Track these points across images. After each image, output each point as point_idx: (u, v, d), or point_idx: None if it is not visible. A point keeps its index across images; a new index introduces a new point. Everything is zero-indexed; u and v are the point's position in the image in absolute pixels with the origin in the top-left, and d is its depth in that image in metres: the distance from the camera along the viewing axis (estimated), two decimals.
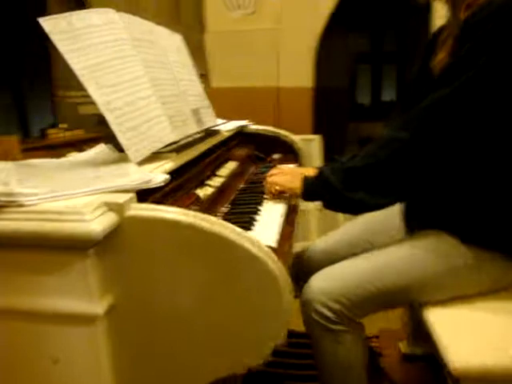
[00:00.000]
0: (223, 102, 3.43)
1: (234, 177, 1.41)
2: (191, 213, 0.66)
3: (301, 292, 1.10)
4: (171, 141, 1.02)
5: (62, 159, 1.01)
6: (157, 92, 1.08)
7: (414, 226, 1.17)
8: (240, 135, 1.79)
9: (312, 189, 1.10)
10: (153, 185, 0.76)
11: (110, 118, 0.89)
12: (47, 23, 0.86)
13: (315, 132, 3.31)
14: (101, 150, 1.03)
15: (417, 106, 0.99)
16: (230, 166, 1.45)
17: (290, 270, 1.41)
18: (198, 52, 3.58)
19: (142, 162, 0.93)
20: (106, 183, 0.71)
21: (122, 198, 0.66)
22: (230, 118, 1.89)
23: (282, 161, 1.76)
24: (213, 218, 0.66)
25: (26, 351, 0.72)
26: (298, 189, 1.11)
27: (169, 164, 0.98)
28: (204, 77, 3.72)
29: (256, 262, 0.63)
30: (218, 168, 1.38)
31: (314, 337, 1.08)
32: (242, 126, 1.78)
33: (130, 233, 0.66)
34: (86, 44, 0.91)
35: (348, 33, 3.95)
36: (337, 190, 1.03)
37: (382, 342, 1.89)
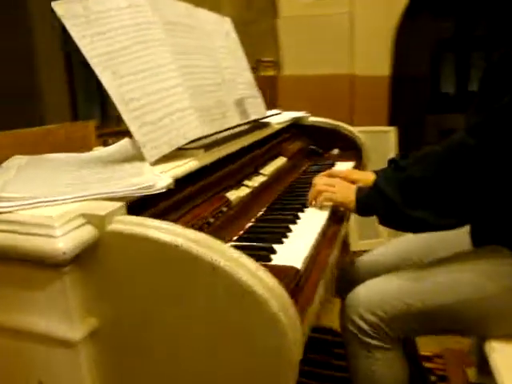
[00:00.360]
0: (294, 90, 3.32)
1: (279, 175, 1.28)
2: (185, 232, 0.54)
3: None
4: (198, 136, 0.91)
5: (81, 154, 0.94)
6: (188, 81, 0.97)
7: (481, 241, 1.00)
8: (296, 128, 1.65)
9: (366, 201, 0.96)
10: (153, 191, 0.65)
11: (124, 111, 0.80)
12: (59, 7, 0.78)
13: (391, 123, 3.08)
14: (124, 144, 0.95)
15: (495, 104, 0.80)
16: (278, 163, 1.32)
17: (337, 279, 1.28)
18: (269, 38, 3.47)
19: (161, 161, 0.84)
20: (97, 189, 0.62)
21: (105, 209, 0.56)
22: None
23: (341, 157, 1.60)
24: (210, 240, 0.54)
25: (12, 370, 0.66)
26: (351, 202, 0.98)
27: (192, 163, 0.87)
28: (275, 64, 3.62)
29: (253, 299, 0.50)
30: (264, 165, 1.26)
31: (349, 349, 1.00)
32: (298, 118, 1.63)
33: (111, 250, 0.56)
34: (104, 29, 0.82)
35: (431, 17, 3.60)
36: (393, 205, 0.89)
37: (447, 364, 1.68)
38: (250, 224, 0.95)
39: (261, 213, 1.02)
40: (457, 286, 0.91)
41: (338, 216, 1.06)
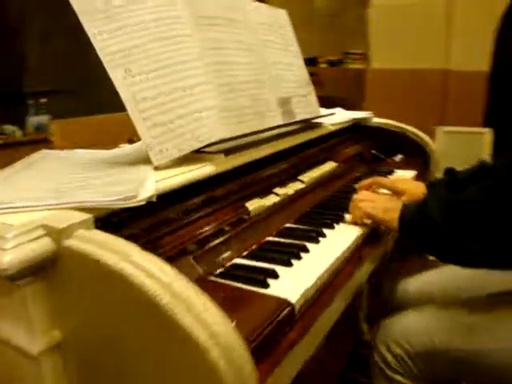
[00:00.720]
0: (383, 84, 3.11)
1: (323, 182, 1.17)
2: (138, 258, 0.48)
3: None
4: (217, 139, 0.85)
5: (103, 152, 0.93)
6: (218, 79, 0.91)
7: None
8: (360, 130, 1.52)
9: (410, 219, 0.83)
10: (132, 203, 0.60)
11: (133, 111, 0.76)
12: (76, 1, 0.75)
13: (488, 125, 2.78)
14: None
15: None
16: (324, 169, 1.21)
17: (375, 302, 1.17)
18: (359, 29, 3.32)
19: (173, 165, 0.79)
20: (70, 197, 0.59)
21: (65, 222, 0.53)
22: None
23: (405, 164, 1.45)
24: (164, 270, 0.47)
25: None
26: (393, 220, 0.85)
27: (207, 168, 0.81)
28: (364, 56, 3.45)
29: (193, 346, 0.43)
30: (306, 171, 1.16)
31: (373, 382, 0.93)
32: (359, 119, 1.50)
33: (67, 265, 0.52)
34: (122, 24, 0.79)
35: None
36: (438, 230, 0.75)
37: None
38: (269, 238, 0.87)
39: (286, 225, 0.94)
40: (490, 330, 0.79)
41: (374, 236, 0.94)
